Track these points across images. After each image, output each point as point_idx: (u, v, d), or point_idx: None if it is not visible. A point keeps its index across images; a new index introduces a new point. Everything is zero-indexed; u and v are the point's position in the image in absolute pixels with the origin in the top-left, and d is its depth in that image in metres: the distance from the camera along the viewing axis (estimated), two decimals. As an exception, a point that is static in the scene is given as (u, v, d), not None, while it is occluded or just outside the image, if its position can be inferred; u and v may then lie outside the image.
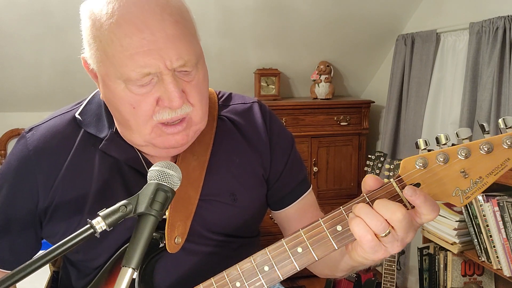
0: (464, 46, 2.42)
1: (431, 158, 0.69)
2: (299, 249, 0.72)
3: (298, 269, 0.72)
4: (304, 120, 3.04)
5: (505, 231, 1.86)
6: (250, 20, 2.76)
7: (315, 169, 3.09)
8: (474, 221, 1.99)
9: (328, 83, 3.13)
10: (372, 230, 0.65)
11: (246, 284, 0.74)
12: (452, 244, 2.14)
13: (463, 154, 0.67)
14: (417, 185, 0.69)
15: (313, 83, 3.18)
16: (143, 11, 0.75)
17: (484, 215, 1.92)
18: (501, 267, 1.90)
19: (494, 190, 1.96)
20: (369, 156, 2.47)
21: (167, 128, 0.81)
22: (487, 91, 2.19)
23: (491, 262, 1.94)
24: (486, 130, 0.67)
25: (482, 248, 1.98)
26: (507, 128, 0.66)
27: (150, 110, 0.79)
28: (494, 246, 1.91)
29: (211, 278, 0.76)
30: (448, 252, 2.24)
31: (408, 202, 0.69)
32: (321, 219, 0.72)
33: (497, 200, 1.87)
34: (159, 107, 0.79)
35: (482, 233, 1.95)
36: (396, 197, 0.69)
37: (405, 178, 0.70)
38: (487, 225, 1.92)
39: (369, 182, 0.70)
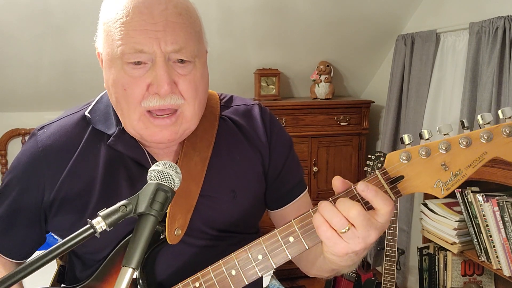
0: (464, 46, 2.42)
1: (414, 152, 0.72)
2: (291, 239, 0.76)
3: (290, 258, 0.77)
4: (304, 120, 3.04)
5: (505, 231, 1.86)
6: (250, 21, 2.76)
7: (315, 169, 3.09)
8: (474, 221, 1.99)
9: (328, 83, 3.14)
10: (328, 223, 0.70)
11: (241, 272, 0.78)
12: (452, 244, 2.14)
13: (444, 148, 0.70)
14: (401, 177, 0.73)
15: (313, 83, 3.18)
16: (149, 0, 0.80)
17: (484, 215, 1.93)
18: (500, 267, 1.90)
19: (494, 190, 1.97)
20: (369, 156, 2.47)
21: (155, 120, 0.83)
22: (487, 91, 2.19)
23: (491, 262, 1.94)
24: (466, 126, 0.71)
25: (482, 248, 1.98)
26: (484, 124, 0.70)
27: (140, 94, 0.81)
28: (494, 246, 1.91)
29: (208, 266, 0.80)
30: (448, 252, 2.24)
31: (393, 193, 0.73)
32: (311, 209, 0.76)
33: (497, 200, 1.87)
34: (148, 93, 0.81)
35: (482, 233, 1.96)
36: (381, 189, 0.73)
37: (390, 170, 0.74)
38: (487, 225, 1.92)
39: (336, 183, 0.75)
